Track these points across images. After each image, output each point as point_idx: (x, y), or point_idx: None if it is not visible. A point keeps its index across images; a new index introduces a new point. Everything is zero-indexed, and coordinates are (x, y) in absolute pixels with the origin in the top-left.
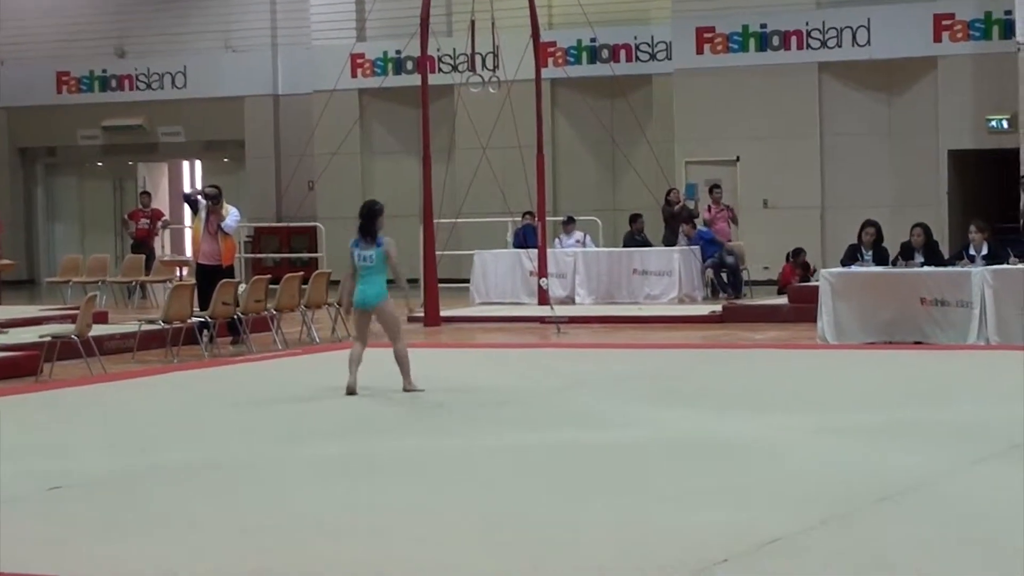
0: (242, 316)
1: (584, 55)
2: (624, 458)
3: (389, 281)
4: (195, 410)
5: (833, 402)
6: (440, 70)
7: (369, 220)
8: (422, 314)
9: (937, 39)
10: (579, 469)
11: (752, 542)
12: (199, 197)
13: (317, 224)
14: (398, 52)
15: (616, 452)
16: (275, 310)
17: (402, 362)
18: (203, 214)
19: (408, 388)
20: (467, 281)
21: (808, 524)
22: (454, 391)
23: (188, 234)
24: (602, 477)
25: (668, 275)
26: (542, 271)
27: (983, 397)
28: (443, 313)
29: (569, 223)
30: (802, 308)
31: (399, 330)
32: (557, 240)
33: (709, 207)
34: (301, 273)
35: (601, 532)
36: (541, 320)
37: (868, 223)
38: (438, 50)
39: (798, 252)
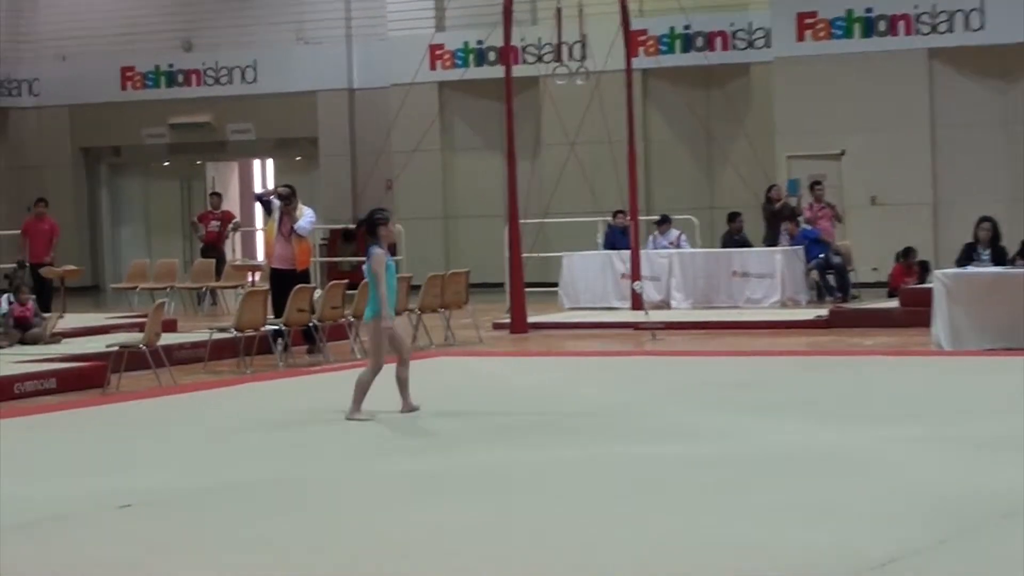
0: (318, 324)
1: (677, 43)
2: (719, 473)
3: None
4: (269, 424)
5: (948, 412)
6: (524, 61)
7: (369, 230)
8: (508, 320)
9: None
10: (670, 485)
11: (860, 565)
12: (272, 198)
13: (397, 226)
14: (480, 42)
15: (711, 466)
16: (353, 317)
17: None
18: (276, 215)
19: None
20: (555, 285)
21: (923, 544)
22: (542, 402)
23: (260, 237)
24: (695, 493)
25: (770, 277)
26: (635, 274)
27: None
28: (530, 319)
29: (664, 223)
30: (914, 312)
31: (378, 355)
32: (650, 240)
33: (811, 205)
34: None
35: (693, 553)
36: (635, 326)
37: (984, 219)
38: (522, 40)
39: (909, 252)
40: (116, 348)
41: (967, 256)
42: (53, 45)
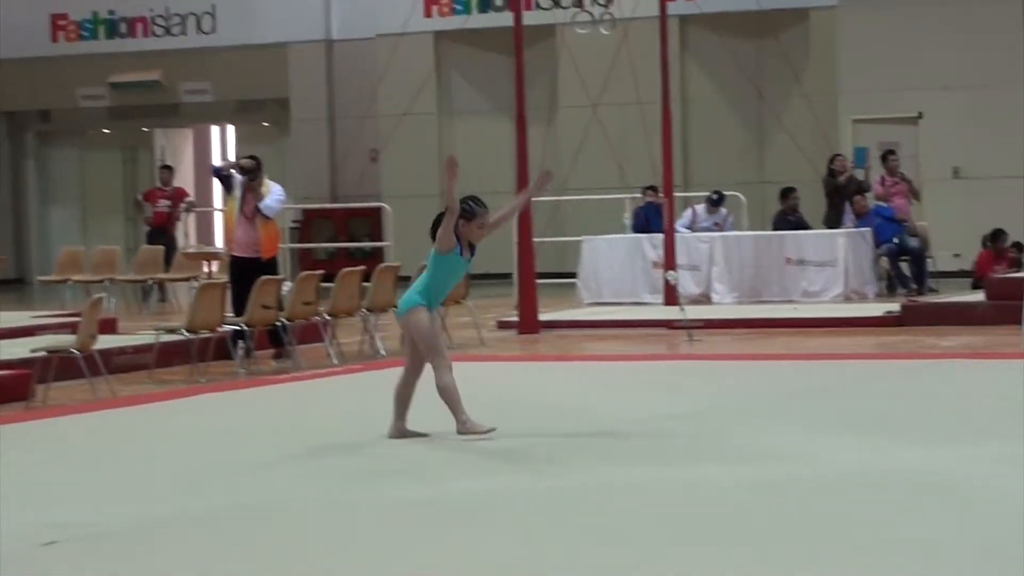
0: (287, 323)
1: None
2: (775, 500)
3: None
4: (227, 443)
5: None
6: (538, 6)
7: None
8: (516, 319)
9: None
10: (716, 514)
11: None
12: (232, 171)
13: (382, 205)
14: None
15: (765, 492)
16: (329, 315)
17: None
18: (238, 193)
19: (463, 430)
20: (574, 276)
21: None
22: (557, 418)
23: (219, 219)
24: (746, 524)
25: (831, 265)
26: (669, 262)
27: None
28: (542, 317)
29: (716, 201)
30: (1004, 307)
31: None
32: (687, 211)
33: (882, 178)
34: (362, 267)
35: None
36: (668, 325)
37: None
38: None
39: (998, 234)
40: (43, 353)
41: None
42: None
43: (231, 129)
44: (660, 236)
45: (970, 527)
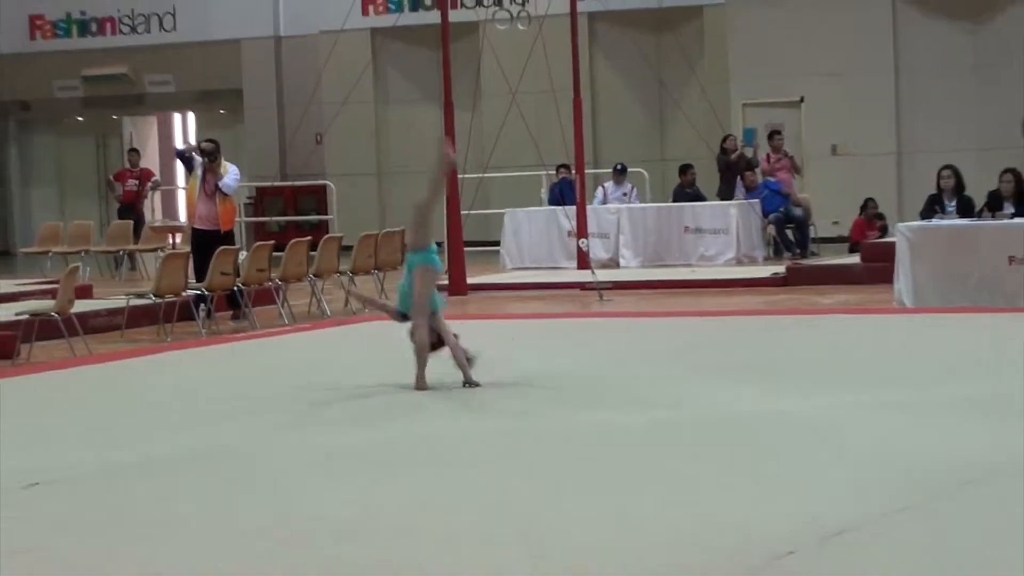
0: (243, 288)
1: None
2: (672, 441)
3: None
4: (190, 395)
5: (911, 375)
6: (462, 5)
7: None
8: (446, 282)
9: None
10: (621, 455)
11: (818, 533)
12: (194, 154)
13: (326, 182)
14: None
15: (663, 435)
16: (280, 280)
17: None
18: (199, 173)
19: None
20: (497, 244)
21: (884, 512)
22: (483, 369)
23: (182, 196)
24: (647, 463)
25: (724, 233)
26: (581, 231)
27: None
28: (470, 280)
29: (620, 172)
30: (876, 268)
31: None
32: (599, 192)
33: (768, 156)
34: (309, 238)
35: (647, 525)
36: (581, 286)
37: (945, 167)
38: None
39: (869, 203)
40: (26, 316)
41: (931, 209)
42: None
43: (191, 116)
44: (573, 208)
45: (842, 462)
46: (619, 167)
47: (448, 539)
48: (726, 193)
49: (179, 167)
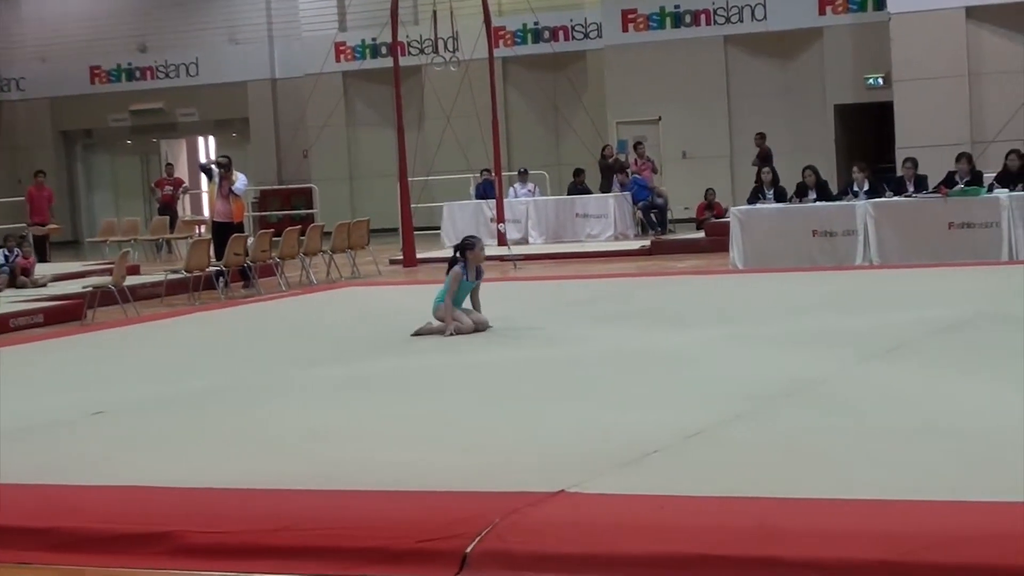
0: (251, 264)
1: (529, 36)
2: (572, 370)
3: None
4: (216, 343)
5: (744, 317)
6: (409, 53)
7: (460, 253)
8: (401, 257)
9: (822, 12)
10: (534, 380)
11: (679, 434)
12: (213, 166)
13: (312, 185)
14: (374, 39)
15: (565, 365)
16: (279, 258)
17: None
18: (217, 180)
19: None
20: (438, 228)
21: (726, 418)
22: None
23: (205, 198)
24: (554, 386)
25: (605, 217)
26: (500, 217)
27: (867, 308)
28: (419, 255)
29: (523, 174)
30: (717, 240)
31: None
32: (511, 190)
33: (635, 160)
34: (299, 227)
35: (554, 430)
36: (501, 258)
37: (764, 166)
38: (407, 36)
39: (709, 192)
40: (91, 289)
41: (755, 196)
42: (35, 49)
43: (211, 139)
44: (494, 201)
45: (695, 382)
46: (521, 170)
47: (401, 440)
48: (606, 188)
49: (202, 176)
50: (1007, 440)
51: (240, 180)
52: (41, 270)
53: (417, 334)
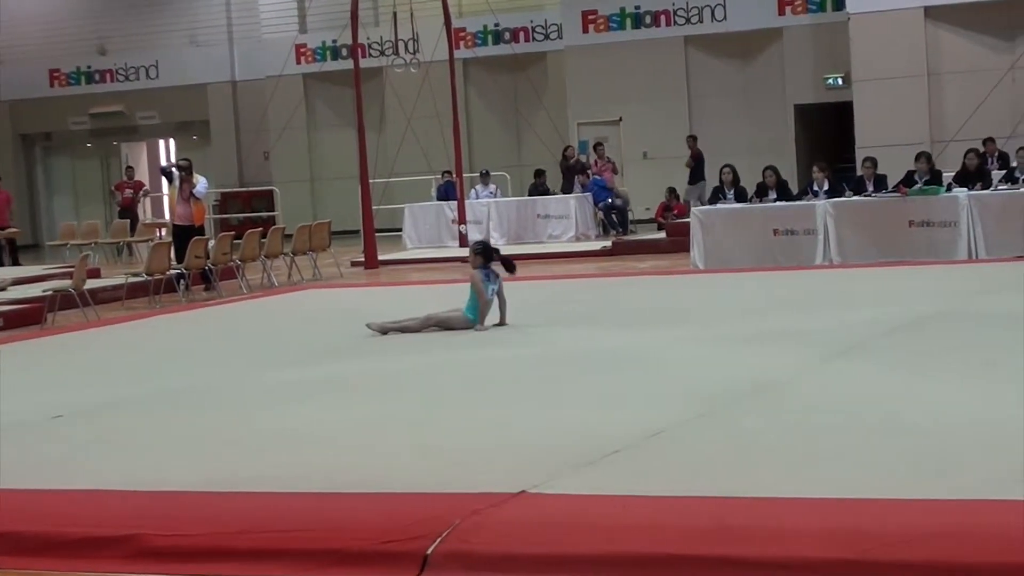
0: (212, 267)
1: (489, 38)
2: (534, 371)
3: None
4: (177, 347)
5: (705, 317)
6: (370, 55)
7: (486, 257)
8: (363, 259)
9: (781, 13)
10: (497, 381)
11: (640, 434)
12: (173, 169)
13: (273, 188)
14: (334, 41)
15: (527, 366)
16: (239, 261)
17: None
18: (177, 183)
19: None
20: (400, 230)
21: (687, 417)
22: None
23: (165, 201)
24: (518, 386)
25: (566, 218)
26: (461, 219)
27: (828, 307)
28: (381, 257)
29: (485, 176)
30: (677, 241)
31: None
32: (473, 192)
33: (596, 161)
34: (260, 229)
35: (516, 430)
36: (462, 259)
37: (725, 167)
38: (367, 38)
39: (670, 191)
40: (51, 292)
41: (716, 196)
42: None
43: (172, 142)
44: (455, 202)
45: (657, 381)
46: (483, 172)
47: (362, 442)
48: (567, 188)
49: (163, 179)
50: (965, 438)
51: (201, 183)
52: (0, 273)
53: (379, 330)
